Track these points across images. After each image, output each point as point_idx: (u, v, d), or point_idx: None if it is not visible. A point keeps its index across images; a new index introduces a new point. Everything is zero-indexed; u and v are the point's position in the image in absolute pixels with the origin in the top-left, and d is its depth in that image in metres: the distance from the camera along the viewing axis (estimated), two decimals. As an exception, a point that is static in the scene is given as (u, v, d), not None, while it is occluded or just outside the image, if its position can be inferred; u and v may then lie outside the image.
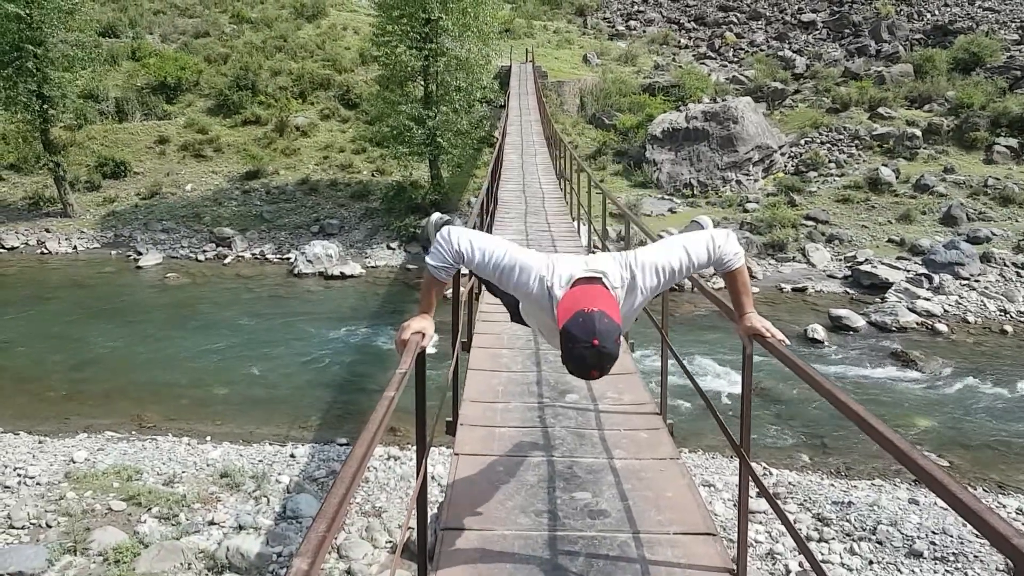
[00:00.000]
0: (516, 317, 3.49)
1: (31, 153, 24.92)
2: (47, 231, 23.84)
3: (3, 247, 22.84)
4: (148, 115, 29.49)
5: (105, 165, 26.51)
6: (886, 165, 24.28)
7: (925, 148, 25.37)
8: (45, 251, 22.65)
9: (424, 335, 2.95)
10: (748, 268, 4.63)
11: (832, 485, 9.44)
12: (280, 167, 26.93)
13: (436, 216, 3.70)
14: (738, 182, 24.77)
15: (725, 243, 2.96)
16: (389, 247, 22.13)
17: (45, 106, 24.14)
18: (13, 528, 8.21)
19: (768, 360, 11.08)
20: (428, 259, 3.04)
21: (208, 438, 10.94)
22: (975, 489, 9.45)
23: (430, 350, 3.09)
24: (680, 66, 35.87)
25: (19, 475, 9.43)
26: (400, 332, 2.95)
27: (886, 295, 17.52)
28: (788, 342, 3.00)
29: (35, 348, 14.87)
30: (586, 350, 2.49)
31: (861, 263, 19.24)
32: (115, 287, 19.45)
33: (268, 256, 22.09)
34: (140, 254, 22.07)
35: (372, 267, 21.00)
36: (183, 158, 27.69)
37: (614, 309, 2.62)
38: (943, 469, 1.66)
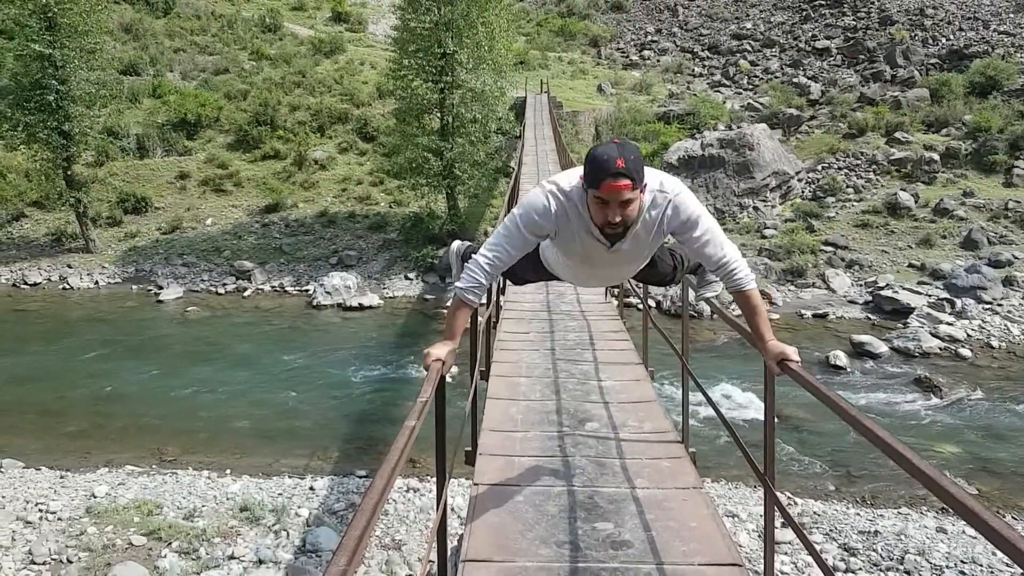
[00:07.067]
0: (544, 273, 3.53)
1: (53, 190, 25.27)
2: (69, 267, 24.11)
3: (26, 283, 23.11)
4: (169, 151, 29.89)
5: (126, 201, 26.86)
6: (904, 190, 24.15)
7: (943, 172, 25.24)
8: (67, 286, 22.89)
9: (444, 363, 2.94)
10: (767, 294, 4.59)
11: (858, 514, 9.28)
12: (299, 200, 27.18)
13: (457, 243, 3.71)
14: (755, 208, 24.71)
15: (738, 260, 3.06)
16: (407, 278, 22.20)
17: (67, 143, 24.55)
18: (35, 564, 8.21)
19: (790, 387, 10.96)
20: (458, 284, 3.02)
21: (228, 471, 10.93)
22: (1004, 517, 9.25)
23: (448, 379, 3.08)
24: (694, 94, 36.00)
25: (40, 510, 9.46)
26: (423, 359, 2.95)
27: (908, 320, 17.35)
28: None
29: (57, 383, 14.97)
30: (611, 161, 2.67)
31: (882, 288, 19.08)
32: (136, 321, 19.60)
33: (287, 288, 22.21)
34: (161, 288, 22.25)
35: (390, 298, 21.06)
36: (203, 193, 28.00)
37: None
38: (974, 497, 1.62)
